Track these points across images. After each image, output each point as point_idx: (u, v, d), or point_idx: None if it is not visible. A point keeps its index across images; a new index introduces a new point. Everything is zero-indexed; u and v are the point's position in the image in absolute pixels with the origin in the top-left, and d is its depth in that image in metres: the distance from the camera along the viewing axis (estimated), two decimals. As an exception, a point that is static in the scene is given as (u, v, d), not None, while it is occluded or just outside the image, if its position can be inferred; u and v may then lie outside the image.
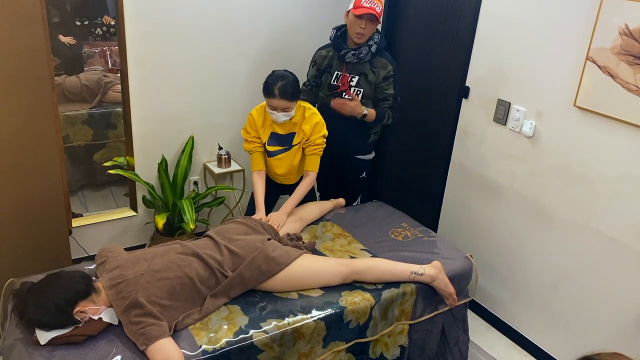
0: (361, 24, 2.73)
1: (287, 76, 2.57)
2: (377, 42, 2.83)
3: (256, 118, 2.72)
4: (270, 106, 2.59)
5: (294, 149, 2.75)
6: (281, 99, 2.54)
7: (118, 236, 3.34)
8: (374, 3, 2.70)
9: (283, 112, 2.59)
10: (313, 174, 2.77)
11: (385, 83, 2.86)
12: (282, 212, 2.68)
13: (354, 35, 2.78)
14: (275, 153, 2.76)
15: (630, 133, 2.27)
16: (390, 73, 2.85)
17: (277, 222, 2.60)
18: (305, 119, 2.69)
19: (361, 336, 2.27)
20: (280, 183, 2.92)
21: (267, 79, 2.60)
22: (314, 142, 2.71)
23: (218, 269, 2.12)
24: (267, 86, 2.56)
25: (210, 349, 1.89)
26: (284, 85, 2.53)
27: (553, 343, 2.77)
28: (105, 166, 3.14)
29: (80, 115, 3.55)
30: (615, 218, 2.39)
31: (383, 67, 2.85)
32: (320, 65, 2.96)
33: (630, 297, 2.38)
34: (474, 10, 2.87)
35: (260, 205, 2.71)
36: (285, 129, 2.71)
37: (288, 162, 2.79)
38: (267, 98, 2.58)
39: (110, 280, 2.00)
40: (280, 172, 2.82)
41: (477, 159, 3.02)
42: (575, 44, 2.40)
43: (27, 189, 2.53)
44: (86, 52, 3.68)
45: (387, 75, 2.85)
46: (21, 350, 1.82)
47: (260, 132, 2.73)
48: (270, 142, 2.74)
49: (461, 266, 2.53)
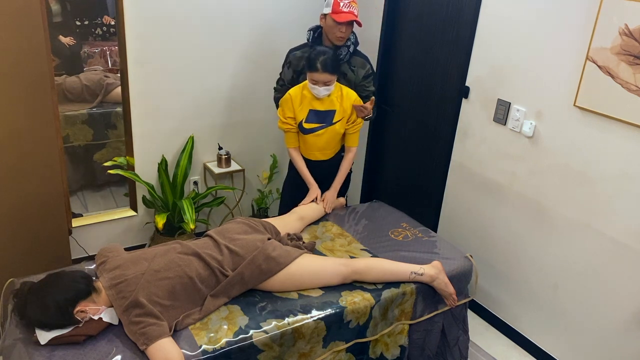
0: (341, 29, 2.78)
1: (328, 51, 2.66)
2: (354, 42, 2.90)
3: (294, 96, 2.79)
4: (313, 80, 2.67)
5: (336, 126, 2.82)
6: (323, 72, 2.62)
7: (118, 236, 3.34)
8: (352, 6, 2.76)
9: (325, 86, 2.67)
10: (354, 148, 2.95)
11: (366, 81, 2.92)
12: (333, 190, 2.91)
13: (334, 38, 2.82)
14: (314, 130, 2.83)
15: (630, 133, 2.27)
16: (369, 71, 2.92)
17: (331, 202, 2.87)
18: (343, 96, 2.78)
19: (361, 336, 2.27)
20: (315, 159, 2.95)
21: (309, 54, 2.68)
22: (355, 120, 2.83)
23: (218, 268, 2.12)
24: (310, 61, 2.64)
25: (210, 349, 1.89)
26: (326, 59, 2.62)
27: (553, 343, 2.78)
28: (105, 166, 3.14)
29: (80, 115, 3.55)
30: (615, 218, 2.39)
31: (362, 67, 2.91)
32: (296, 66, 2.97)
33: (630, 297, 2.38)
34: (474, 10, 2.87)
35: (311, 179, 2.91)
36: (324, 105, 2.77)
37: (328, 138, 2.86)
38: (310, 72, 2.66)
39: (110, 280, 2.00)
40: (319, 146, 2.89)
41: (477, 159, 3.02)
42: (575, 44, 2.40)
43: (27, 189, 2.53)
44: (86, 52, 3.68)
45: (367, 74, 2.92)
46: (21, 350, 1.82)
47: (298, 110, 2.79)
48: (309, 119, 2.80)
49: (461, 266, 2.53)
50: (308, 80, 2.70)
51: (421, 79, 3.37)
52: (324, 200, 2.87)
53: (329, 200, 2.87)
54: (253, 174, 3.75)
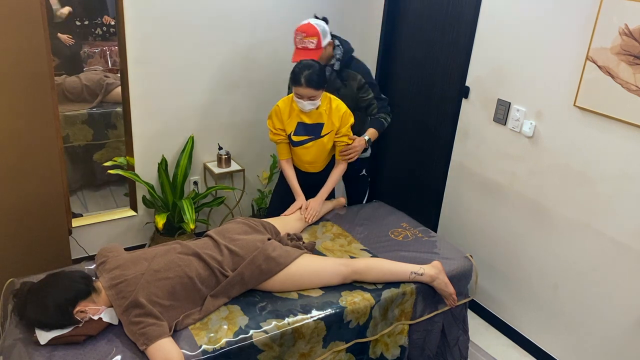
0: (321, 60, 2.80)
1: (313, 65, 2.64)
2: (340, 59, 2.88)
3: (282, 108, 2.78)
4: (297, 94, 2.66)
5: (324, 139, 2.81)
6: (307, 87, 2.60)
7: (118, 236, 3.34)
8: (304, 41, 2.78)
9: (309, 101, 2.65)
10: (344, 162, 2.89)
11: (362, 91, 2.91)
12: (319, 199, 2.83)
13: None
14: (302, 142, 2.82)
15: (630, 133, 2.27)
16: (362, 82, 2.90)
17: (315, 210, 2.77)
18: (332, 109, 2.76)
19: (361, 336, 2.27)
20: (306, 171, 2.95)
21: (294, 68, 2.66)
22: (344, 133, 2.80)
23: (218, 268, 2.12)
24: (294, 75, 2.63)
25: (210, 349, 1.89)
26: (310, 74, 2.59)
27: (553, 343, 2.78)
28: (105, 166, 3.14)
29: (80, 115, 3.55)
30: (615, 218, 2.39)
31: (353, 79, 2.90)
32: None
33: (630, 297, 2.38)
34: (474, 11, 2.87)
35: (298, 190, 2.86)
36: (312, 118, 2.76)
37: (316, 151, 2.85)
38: (294, 86, 2.65)
39: (110, 280, 2.00)
40: (307, 159, 2.88)
41: (477, 159, 3.02)
42: (575, 44, 2.40)
43: (27, 189, 2.53)
44: (86, 52, 3.68)
45: (360, 85, 2.90)
46: (21, 350, 1.82)
47: (287, 122, 2.78)
48: (297, 132, 2.79)
49: (461, 266, 2.53)
50: (293, 94, 2.69)
51: (421, 79, 3.37)
52: (307, 208, 2.76)
53: (312, 209, 2.76)
54: (253, 174, 3.75)
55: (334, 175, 2.90)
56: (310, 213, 2.75)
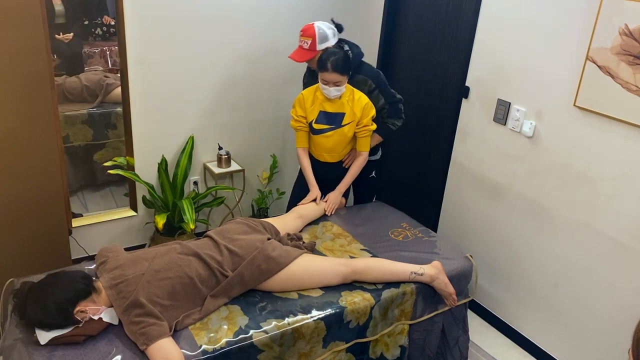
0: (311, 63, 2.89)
1: (338, 52, 2.69)
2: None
3: (306, 96, 2.84)
4: (324, 80, 2.70)
5: (344, 129, 2.84)
6: (333, 72, 2.65)
7: (118, 236, 3.34)
8: (302, 40, 2.85)
9: (335, 87, 2.70)
10: (365, 153, 2.93)
11: (372, 96, 2.91)
12: (338, 192, 2.91)
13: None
14: (323, 131, 2.85)
15: (630, 133, 2.27)
16: (372, 87, 2.91)
17: (335, 203, 2.86)
18: (354, 100, 2.80)
19: (361, 336, 2.27)
20: (324, 160, 2.97)
21: (320, 55, 2.72)
22: (365, 124, 2.83)
23: (218, 269, 2.12)
24: (321, 62, 2.68)
25: (210, 349, 1.89)
26: (336, 59, 2.65)
27: (553, 343, 2.78)
28: (105, 166, 3.14)
29: (80, 115, 3.55)
30: (615, 218, 2.39)
31: (363, 84, 2.91)
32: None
33: (630, 297, 2.38)
34: (474, 10, 2.87)
35: (313, 181, 2.92)
36: (334, 107, 2.80)
37: (336, 140, 2.88)
38: (321, 72, 2.70)
39: (110, 280, 2.00)
40: (327, 146, 2.91)
41: (477, 159, 3.02)
42: (575, 44, 2.40)
43: (27, 189, 2.53)
44: (86, 52, 3.68)
45: (370, 89, 2.91)
46: (21, 350, 1.81)
47: (309, 109, 2.83)
48: (319, 120, 2.83)
49: (461, 266, 2.53)
50: (320, 81, 2.74)
51: (421, 79, 3.37)
52: (327, 201, 2.87)
53: (332, 202, 2.88)
54: (253, 174, 3.75)
55: (353, 168, 2.94)
56: (330, 206, 2.85)
